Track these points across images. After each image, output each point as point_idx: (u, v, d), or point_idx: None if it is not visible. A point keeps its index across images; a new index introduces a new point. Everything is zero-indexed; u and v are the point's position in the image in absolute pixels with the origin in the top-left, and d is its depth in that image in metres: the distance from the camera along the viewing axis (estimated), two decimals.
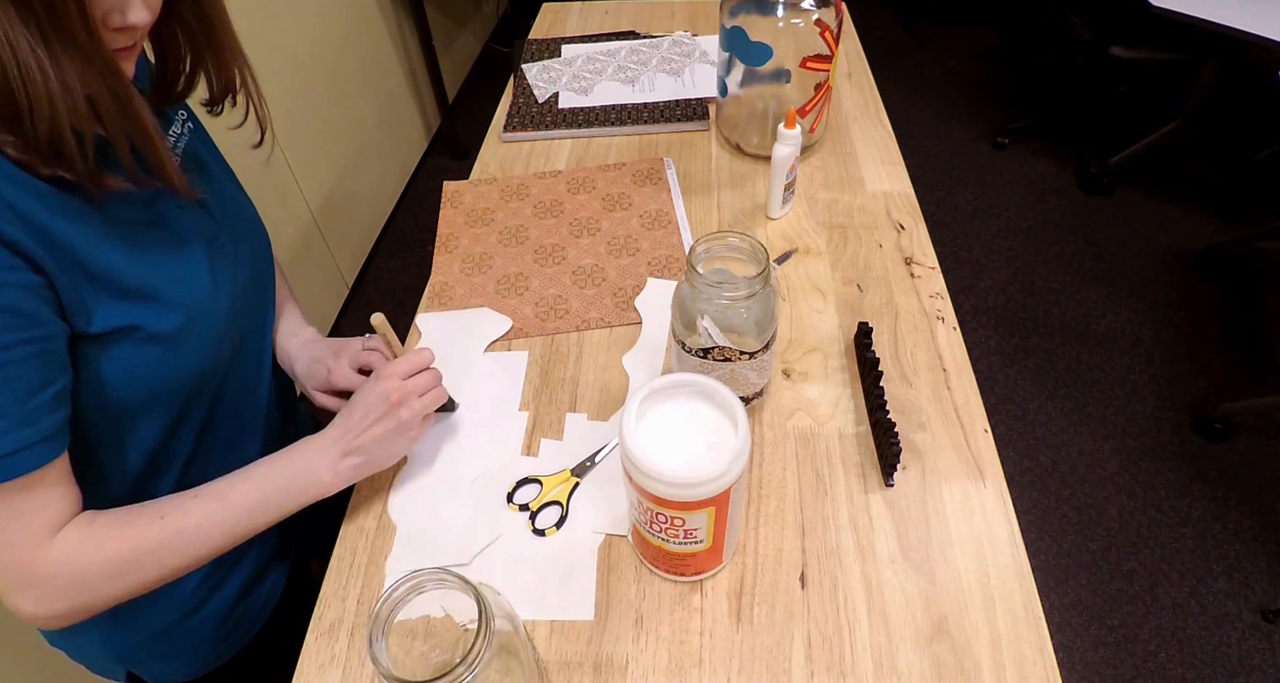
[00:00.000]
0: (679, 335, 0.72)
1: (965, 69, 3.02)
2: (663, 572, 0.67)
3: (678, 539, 0.61)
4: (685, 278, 0.68)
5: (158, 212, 0.61)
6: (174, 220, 0.62)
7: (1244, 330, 2.06)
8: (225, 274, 0.66)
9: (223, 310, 0.65)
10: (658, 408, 0.60)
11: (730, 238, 0.68)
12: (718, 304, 0.67)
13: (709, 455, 0.57)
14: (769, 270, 0.66)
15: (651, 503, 0.58)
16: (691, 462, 0.55)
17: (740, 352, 0.70)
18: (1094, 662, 1.49)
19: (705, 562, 0.65)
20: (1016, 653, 0.62)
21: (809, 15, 0.95)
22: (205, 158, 0.71)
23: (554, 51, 1.34)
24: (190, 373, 0.64)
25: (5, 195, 0.50)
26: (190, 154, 0.68)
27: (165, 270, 0.60)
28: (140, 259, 0.58)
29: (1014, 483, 1.72)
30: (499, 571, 0.69)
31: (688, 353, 0.72)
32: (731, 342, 0.69)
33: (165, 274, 0.60)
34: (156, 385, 0.61)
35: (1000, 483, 0.73)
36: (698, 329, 0.69)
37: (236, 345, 0.70)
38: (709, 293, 0.66)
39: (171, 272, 0.60)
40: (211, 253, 0.65)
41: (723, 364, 0.71)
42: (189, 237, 0.63)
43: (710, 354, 0.70)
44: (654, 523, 0.60)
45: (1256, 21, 1.80)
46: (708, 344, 0.69)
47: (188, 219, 0.64)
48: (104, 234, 0.56)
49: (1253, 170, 2.49)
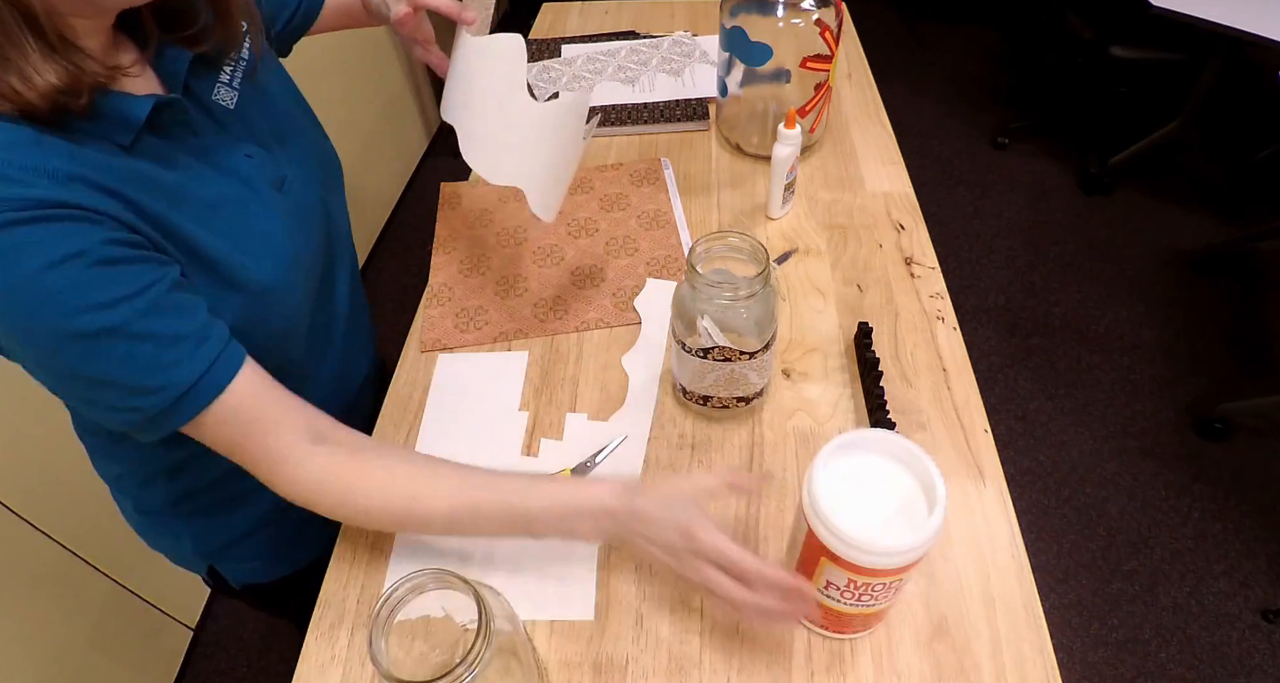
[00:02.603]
0: (679, 335, 0.72)
1: (965, 69, 3.02)
2: (820, 628, 0.63)
3: (852, 600, 0.57)
4: (685, 278, 0.68)
5: (222, 166, 0.62)
6: (242, 171, 0.63)
7: (1244, 330, 2.06)
8: (300, 217, 0.68)
9: (303, 252, 0.67)
10: (839, 464, 0.56)
11: (730, 238, 0.68)
12: (717, 304, 0.67)
13: (903, 518, 0.54)
14: (769, 270, 0.66)
15: (846, 571, 0.54)
16: (887, 526, 0.53)
17: (740, 352, 0.70)
18: (1094, 662, 1.49)
19: (873, 621, 0.62)
20: (1016, 653, 0.62)
21: (809, 15, 0.95)
22: (262, 114, 0.69)
23: (554, 51, 1.34)
24: (283, 328, 0.67)
25: (89, 176, 0.50)
26: (245, 109, 0.67)
27: (241, 241, 0.61)
28: (216, 230, 0.59)
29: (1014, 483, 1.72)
30: (499, 571, 0.69)
31: (688, 353, 0.72)
32: (731, 342, 0.69)
33: (241, 245, 0.61)
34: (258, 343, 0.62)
35: (1000, 483, 0.73)
36: (698, 329, 0.69)
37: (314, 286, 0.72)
38: (709, 293, 0.66)
39: (247, 241, 0.61)
40: (281, 200, 0.66)
41: (723, 364, 0.71)
42: (260, 187, 0.64)
43: (710, 354, 0.70)
44: (832, 587, 0.57)
45: (1256, 21, 1.80)
46: (708, 344, 0.69)
47: (255, 167, 0.64)
48: (180, 200, 0.57)
49: (1253, 170, 2.49)
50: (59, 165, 0.49)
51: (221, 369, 0.55)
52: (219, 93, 0.65)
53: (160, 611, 1.41)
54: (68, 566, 1.21)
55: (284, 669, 0.65)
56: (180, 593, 1.48)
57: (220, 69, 0.66)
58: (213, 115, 0.64)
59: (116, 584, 1.30)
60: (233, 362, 0.56)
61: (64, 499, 1.19)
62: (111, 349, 0.51)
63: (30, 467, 1.14)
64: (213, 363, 0.55)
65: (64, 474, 1.19)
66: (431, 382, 0.85)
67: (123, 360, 0.52)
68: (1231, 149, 2.55)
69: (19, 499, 1.11)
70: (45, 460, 1.16)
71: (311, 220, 0.71)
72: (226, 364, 0.56)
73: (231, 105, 0.66)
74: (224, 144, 0.63)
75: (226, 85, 0.66)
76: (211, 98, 0.64)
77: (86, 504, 1.23)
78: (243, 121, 0.66)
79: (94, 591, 1.27)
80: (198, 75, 0.64)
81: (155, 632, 1.43)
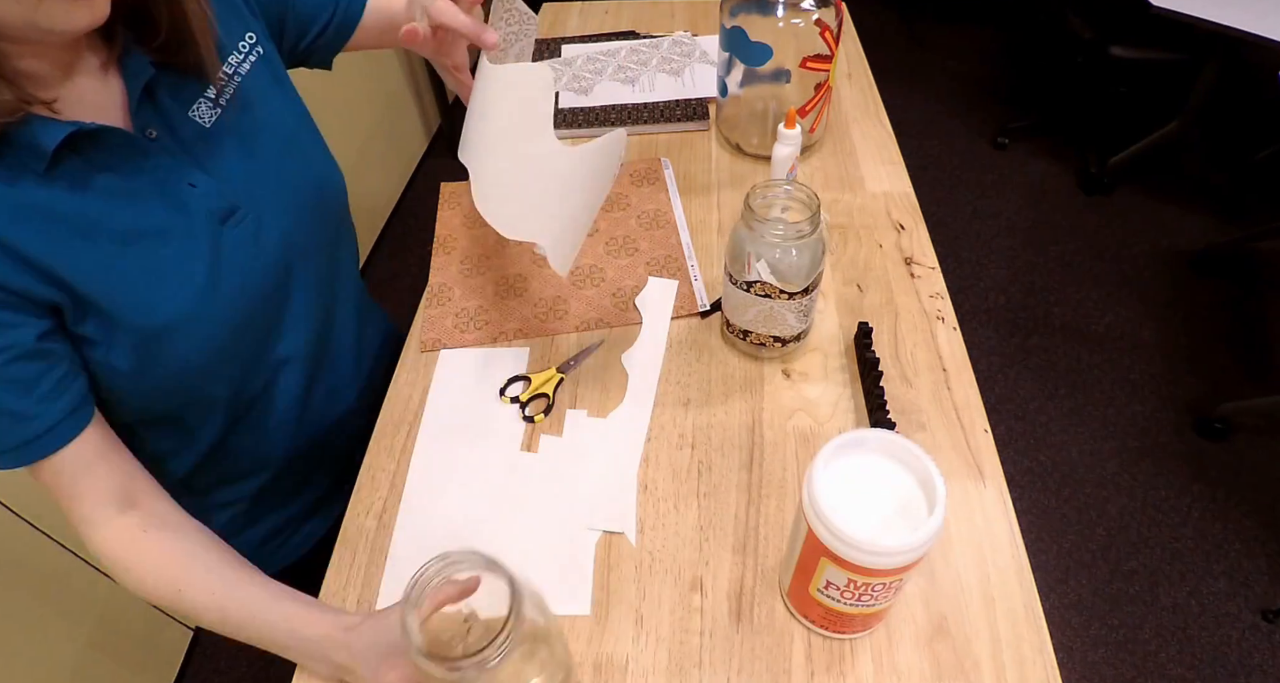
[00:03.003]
0: (729, 268, 0.77)
1: (965, 69, 3.02)
2: (820, 628, 0.63)
3: (852, 600, 0.57)
4: (742, 217, 0.73)
5: (164, 192, 0.61)
6: (183, 199, 0.62)
7: (1244, 330, 2.06)
8: (242, 253, 0.65)
9: (228, 291, 0.65)
10: (839, 464, 0.56)
11: (785, 186, 0.74)
12: (768, 242, 0.72)
13: (904, 518, 0.54)
14: (819, 217, 0.71)
15: (846, 571, 0.54)
16: (887, 526, 0.53)
17: (780, 290, 0.74)
18: (1094, 662, 1.49)
19: (873, 621, 0.62)
20: (1016, 653, 0.62)
21: (809, 15, 0.95)
22: (247, 133, 0.67)
23: (554, 51, 1.34)
24: (193, 364, 0.64)
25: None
26: (226, 127, 0.65)
27: (145, 277, 0.59)
28: (115, 267, 0.58)
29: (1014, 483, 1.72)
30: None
31: (734, 285, 0.77)
32: (776, 281, 0.74)
33: (143, 281, 0.59)
34: (160, 377, 0.63)
35: (1000, 483, 0.73)
36: (746, 264, 0.74)
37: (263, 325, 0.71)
38: (761, 229, 0.71)
39: (155, 276, 0.60)
40: (221, 234, 0.64)
41: (763, 300, 0.76)
42: (195, 218, 0.62)
43: (753, 288, 0.75)
44: (831, 586, 0.57)
45: (1256, 21, 1.80)
46: (752, 278, 0.74)
47: (197, 197, 0.62)
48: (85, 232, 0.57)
49: (1253, 170, 2.48)
50: None
51: (43, 445, 0.57)
52: (199, 108, 0.64)
53: (160, 611, 1.41)
54: (68, 566, 1.21)
55: (284, 669, 0.65)
56: None
57: (209, 83, 0.64)
58: (176, 134, 0.62)
59: (116, 584, 1.29)
60: (58, 439, 0.58)
61: None
62: None
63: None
64: (33, 439, 0.56)
65: None
66: (432, 381, 0.85)
67: None
68: (1231, 149, 2.55)
69: (19, 499, 1.11)
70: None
71: (261, 254, 0.68)
72: (50, 441, 0.57)
73: (208, 124, 0.64)
74: (171, 169, 0.61)
75: (211, 102, 0.64)
76: (187, 113, 0.62)
77: None
78: (210, 143, 0.64)
79: (94, 591, 1.27)
80: (177, 87, 0.62)
81: (155, 632, 1.43)
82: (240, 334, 0.68)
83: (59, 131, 0.53)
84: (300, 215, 0.71)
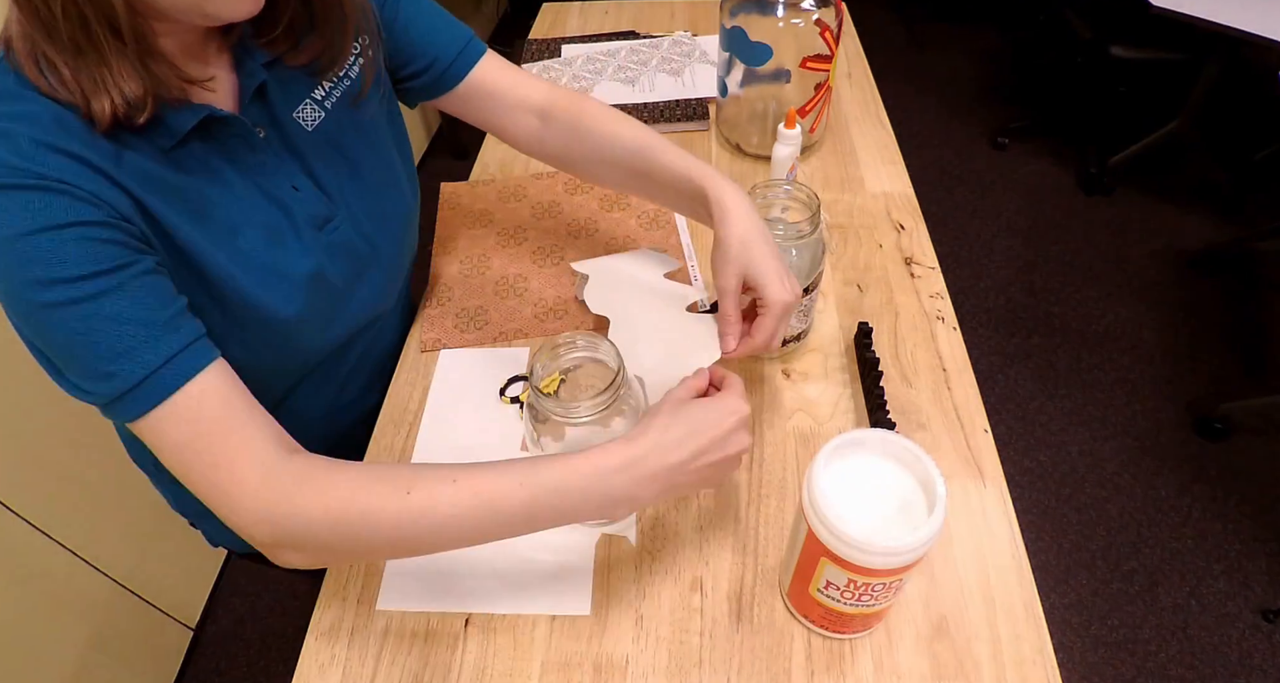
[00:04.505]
0: None
1: (965, 69, 3.02)
2: (820, 628, 0.63)
3: (852, 600, 0.57)
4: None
5: (267, 190, 0.61)
6: (285, 201, 0.62)
7: (1244, 330, 2.06)
8: (339, 259, 0.67)
9: (327, 293, 0.66)
10: (839, 464, 0.56)
11: (785, 186, 0.73)
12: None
13: (904, 518, 0.54)
14: (818, 218, 0.70)
15: (846, 571, 0.53)
16: (887, 526, 0.53)
17: None
18: (1094, 662, 1.49)
19: (873, 621, 0.62)
20: (1016, 653, 0.62)
21: (809, 15, 0.95)
22: (347, 142, 0.68)
23: (554, 51, 1.34)
24: (266, 360, 0.65)
25: (98, 163, 0.50)
26: (327, 134, 0.66)
27: (252, 270, 0.60)
28: (226, 251, 0.58)
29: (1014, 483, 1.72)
30: (495, 565, 0.69)
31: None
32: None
33: (250, 272, 0.60)
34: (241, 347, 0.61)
35: (1000, 483, 0.73)
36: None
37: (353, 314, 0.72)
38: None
39: (260, 271, 0.60)
40: (321, 241, 0.65)
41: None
42: (299, 222, 0.63)
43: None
44: (831, 586, 0.56)
45: (1256, 21, 1.80)
46: None
47: (300, 202, 0.63)
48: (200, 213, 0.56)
49: (1253, 170, 2.48)
50: (70, 146, 0.49)
51: (184, 364, 0.52)
52: (303, 109, 0.63)
53: (160, 610, 1.41)
54: (68, 566, 1.21)
55: (284, 669, 0.65)
56: (180, 593, 1.48)
57: (317, 83, 0.64)
58: (282, 133, 0.62)
59: (116, 584, 1.30)
60: (199, 358, 0.52)
61: (64, 499, 1.19)
62: (72, 324, 0.49)
63: (30, 467, 1.14)
64: (174, 356, 0.51)
65: (64, 474, 1.19)
66: (432, 381, 0.85)
67: (82, 338, 0.49)
68: (1231, 149, 2.55)
69: (19, 499, 1.11)
70: (45, 461, 1.16)
71: (352, 264, 0.69)
72: (191, 359, 0.52)
73: (310, 127, 0.64)
74: (275, 168, 0.62)
75: (317, 103, 0.64)
76: (292, 114, 0.63)
77: (86, 504, 1.23)
78: (313, 147, 0.64)
79: (94, 591, 1.27)
80: (285, 85, 0.62)
81: (155, 632, 1.43)
82: (325, 345, 0.71)
83: (193, 114, 0.54)
84: (380, 234, 0.73)
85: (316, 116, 0.64)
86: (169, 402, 0.51)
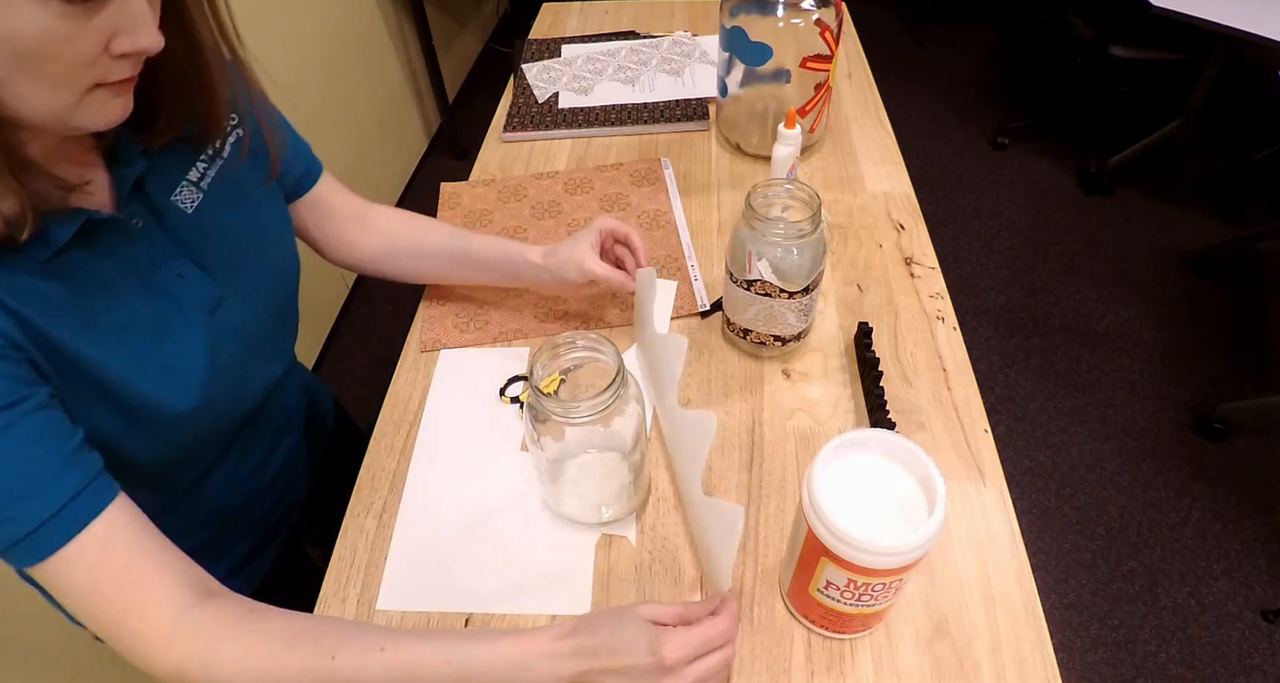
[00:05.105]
0: (730, 267, 0.78)
1: (965, 69, 3.02)
2: (820, 628, 0.63)
3: (852, 600, 0.57)
4: (743, 217, 0.73)
5: (152, 283, 0.58)
6: (172, 291, 0.59)
7: (1244, 330, 2.06)
8: (230, 341, 0.63)
9: (223, 377, 0.63)
10: (839, 464, 0.56)
11: (786, 185, 0.74)
12: (769, 241, 0.72)
13: (904, 518, 0.54)
14: (819, 217, 0.71)
15: (846, 571, 0.53)
16: (887, 526, 0.53)
17: (780, 289, 0.74)
18: (1094, 662, 1.49)
19: (873, 621, 0.62)
20: (1016, 653, 0.62)
21: (809, 15, 0.95)
22: (225, 219, 0.64)
23: (554, 51, 1.34)
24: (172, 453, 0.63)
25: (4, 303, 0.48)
26: (209, 212, 0.63)
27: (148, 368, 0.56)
28: (119, 356, 0.55)
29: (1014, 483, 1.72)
30: (495, 565, 0.69)
31: (734, 284, 0.78)
32: (777, 281, 0.74)
33: (146, 372, 0.56)
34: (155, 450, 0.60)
35: (1000, 483, 0.73)
36: (746, 264, 0.74)
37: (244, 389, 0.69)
38: (763, 228, 0.72)
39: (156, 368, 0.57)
40: (212, 324, 0.61)
41: (763, 299, 0.76)
42: (189, 310, 0.60)
43: (753, 287, 0.76)
44: (831, 586, 0.56)
45: (1256, 21, 1.80)
46: (753, 276, 0.74)
47: (188, 289, 0.60)
48: (86, 322, 0.53)
49: (1253, 170, 2.48)
50: None
51: (87, 503, 0.49)
52: (181, 193, 0.61)
53: None
54: None
55: None
56: None
57: (193, 164, 0.62)
58: (162, 221, 0.59)
59: None
60: (101, 495, 0.50)
61: None
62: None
63: None
64: (76, 494, 0.48)
65: None
66: (432, 381, 0.85)
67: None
68: (1231, 149, 2.55)
69: None
70: None
71: (245, 342, 0.66)
72: (93, 497, 0.49)
73: (190, 209, 0.61)
74: (159, 259, 0.58)
75: (193, 185, 0.62)
76: (170, 198, 0.60)
77: None
78: (195, 231, 0.61)
79: None
80: (162, 170, 0.59)
81: None
82: (232, 422, 0.69)
83: (71, 223, 0.50)
84: (270, 304, 0.70)
85: (195, 198, 0.62)
86: (73, 543, 0.48)
